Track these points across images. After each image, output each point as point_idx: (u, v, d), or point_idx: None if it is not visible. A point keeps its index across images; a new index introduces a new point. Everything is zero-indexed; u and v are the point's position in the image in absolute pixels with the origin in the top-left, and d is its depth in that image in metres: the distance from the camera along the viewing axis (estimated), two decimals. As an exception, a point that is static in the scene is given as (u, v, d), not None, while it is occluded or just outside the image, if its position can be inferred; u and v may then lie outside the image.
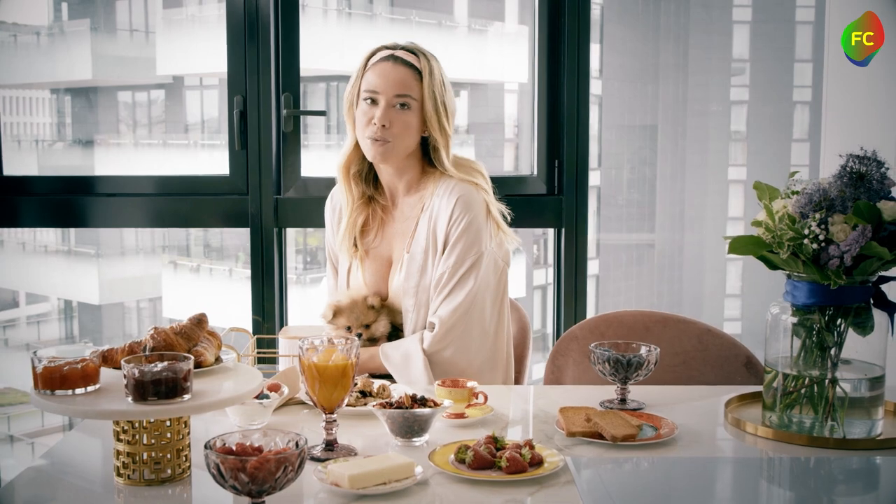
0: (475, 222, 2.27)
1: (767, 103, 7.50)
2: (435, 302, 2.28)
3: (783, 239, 1.78)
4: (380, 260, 2.42)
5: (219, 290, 7.12)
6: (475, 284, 2.26)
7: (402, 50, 2.31)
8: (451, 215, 2.27)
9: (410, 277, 2.32)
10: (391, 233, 2.41)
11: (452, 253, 2.26)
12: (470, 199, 2.28)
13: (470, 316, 2.26)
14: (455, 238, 2.26)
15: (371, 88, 2.29)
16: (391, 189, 2.42)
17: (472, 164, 2.39)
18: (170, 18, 6.90)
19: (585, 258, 3.22)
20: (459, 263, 2.26)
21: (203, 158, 6.79)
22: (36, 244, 7.40)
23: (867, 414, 1.81)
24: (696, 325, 2.52)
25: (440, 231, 2.28)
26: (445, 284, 2.27)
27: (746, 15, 7.66)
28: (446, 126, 2.32)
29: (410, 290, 2.31)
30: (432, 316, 2.28)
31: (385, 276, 2.41)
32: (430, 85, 2.29)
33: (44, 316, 7.82)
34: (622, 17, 7.45)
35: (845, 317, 1.80)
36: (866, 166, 1.78)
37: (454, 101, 2.36)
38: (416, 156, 2.37)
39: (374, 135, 2.27)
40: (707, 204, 7.42)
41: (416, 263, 2.31)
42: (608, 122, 7.33)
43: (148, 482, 1.57)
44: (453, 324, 2.25)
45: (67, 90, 6.96)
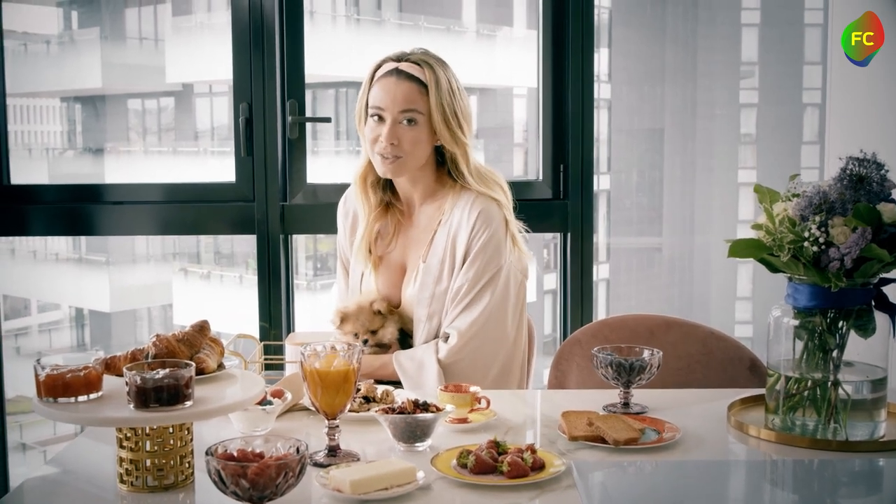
0: (496, 236, 2.27)
1: (777, 106, 7.49)
2: (452, 313, 2.28)
3: (783, 242, 1.78)
4: (393, 267, 2.42)
5: (229, 297, 7.14)
6: (493, 298, 2.26)
7: (407, 62, 2.28)
8: (472, 228, 2.26)
9: (425, 288, 2.31)
10: (407, 240, 2.41)
11: (472, 266, 2.26)
12: (490, 213, 2.28)
13: (486, 329, 2.26)
14: (476, 251, 2.26)
15: (376, 105, 2.28)
16: (407, 197, 2.41)
17: (494, 177, 2.36)
18: (179, 26, 6.93)
19: (591, 262, 3.22)
20: (479, 277, 2.26)
21: (213, 165, 6.81)
22: (47, 252, 7.43)
23: (870, 416, 1.81)
24: (700, 328, 2.52)
25: (460, 244, 2.27)
26: (464, 297, 2.26)
27: (755, 18, 7.65)
28: (460, 135, 2.29)
29: (424, 300, 2.31)
30: (448, 327, 2.27)
31: (398, 283, 2.41)
32: (436, 97, 2.26)
33: (55, 324, 7.84)
34: (630, 20, 7.45)
35: (847, 319, 1.80)
36: (866, 169, 1.78)
37: (468, 107, 2.31)
38: (430, 165, 2.36)
39: (383, 152, 2.27)
40: (716, 207, 7.40)
41: (431, 274, 2.31)
42: (617, 125, 7.33)
43: (151, 489, 1.58)
44: (471, 336, 2.25)
45: (77, 98, 6.99)
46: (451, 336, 2.25)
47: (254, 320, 3.25)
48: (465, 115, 2.30)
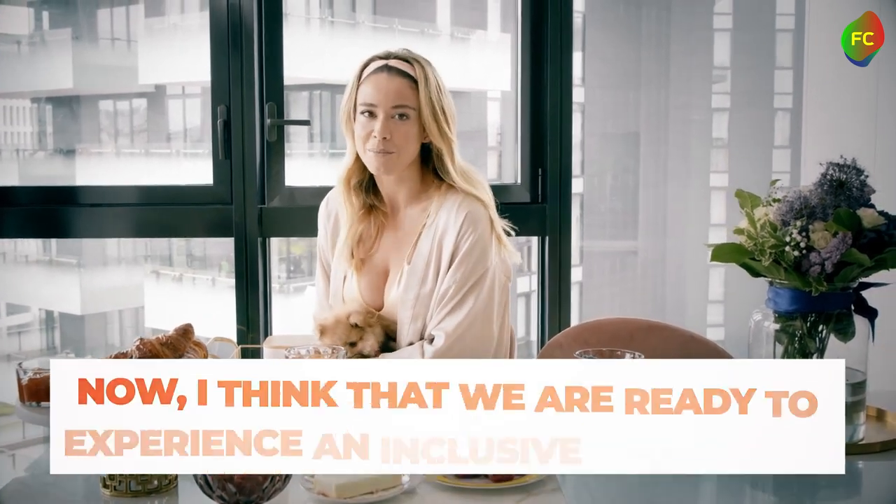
0: (482, 239, 2.27)
1: (748, 110, 7.54)
2: (437, 315, 2.27)
3: (765, 246, 1.80)
4: (376, 270, 2.41)
5: (202, 300, 7.10)
6: (479, 300, 2.26)
7: (396, 59, 2.29)
8: (458, 231, 2.25)
9: (410, 289, 2.30)
10: (390, 242, 2.40)
11: (459, 269, 2.25)
12: (477, 215, 2.28)
13: (472, 330, 2.26)
14: (463, 254, 2.25)
15: (367, 101, 2.28)
16: (391, 199, 2.41)
17: (477, 176, 2.37)
18: (152, 27, 6.89)
19: (569, 266, 3.24)
20: (465, 279, 2.25)
21: (186, 167, 6.77)
22: (17, 254, 7.36)
23: (849, 419, 1.83)
24: (680, 332, 2.53)
25: (446, 246, 2.27)
26: (451, 299, 2.26)
27: (727, 23, 7.70)
28: (447, 131, 2.30)
29: (409, 301, 2.30)
30: (434, 329, 2.27)
31: (381, 286, 2.40)
32: (426, 92, 2.27)
33: (24, 326, 7.76)
34: (604, 24, 7.48)
35: (827, 323, 1.82)
36: (846, 174, 1.81)
37: (453, 105, 2.33)
38: (416, 164, 2.36)
39: (376, 147, 2.26)
40: (689, 210, 7.44)
41: (416, 276, 2.30)
42: (591, 129, 7.35)
43: (134, 493, 1.57)
44: (457, 338, 2.24)
45: (48, 99, 6.93)
46: (437, 338, 2.25)
47: (227, 323, 3.24)
48: (451, 114, 2.32)
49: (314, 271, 2.59)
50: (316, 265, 2.57)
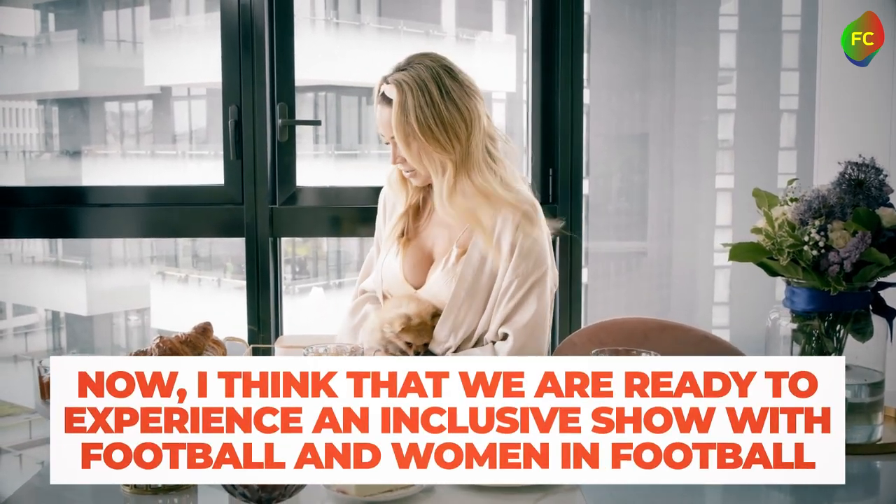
0: (541, 240, 2.26)
1: (754, 112, 7.55)
2: (503, 309, 2.24)
3: (783, 245, 1.79)
4: (422, 252, 2.39)
5: (208, 301, 7.11)
6: (541, 303, 2.23)
7: (388, 84, 2.25)
8: (517, 228, 2.24)
9: (463, 280, 2.27)
10: (439, 228, 2.38)
11: (521, 263, 2.22)
12: (535, 217, 2.27)
13: (535, 334, 2.22)
14: (525, 250, 2.22)
15: (377, 129, 2.32)
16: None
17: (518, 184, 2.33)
18: (157, 29, 6.90)
19: (580, 266, 3.24)
20: (528, 274, 2.21)
21: (191, 168, 6.79)
22: (23, 255, 7.38)
23: (867, 419, 1.83)
24: (694, 331, 2.53)
25: (505, 240, 2.24)
26: (514, 294, 2.23)
27: (733, 24, 7.71)
28: (445, 145, 2.22)
29: (462, 293, 2.27)
30: (504, 326, 2.25)
31: (424, 266, 2.38)
32: (398, 118, 2.21)
33: (31, 327, 7.78)
34: (610, 26, 7.48)
35: (845, 323, 1.82)
36: (865, 173, 1.80)
37: (454, 111, 2.24)
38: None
39: (399, 169, 2.32)
40: (696, 212, 7.45)
41: (471, 267, 2.27)
42: (596, 130, 7.36)
43: (154, 490, 1.57)
44: (526, 338, 2.22)
45: (55, 101, 6.95)
46: (509, 337, 2.23)
47: (234, 323, 3.23)
48: (449, 124, 2.23)
49: (318, 272, 2.58)
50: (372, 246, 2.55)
